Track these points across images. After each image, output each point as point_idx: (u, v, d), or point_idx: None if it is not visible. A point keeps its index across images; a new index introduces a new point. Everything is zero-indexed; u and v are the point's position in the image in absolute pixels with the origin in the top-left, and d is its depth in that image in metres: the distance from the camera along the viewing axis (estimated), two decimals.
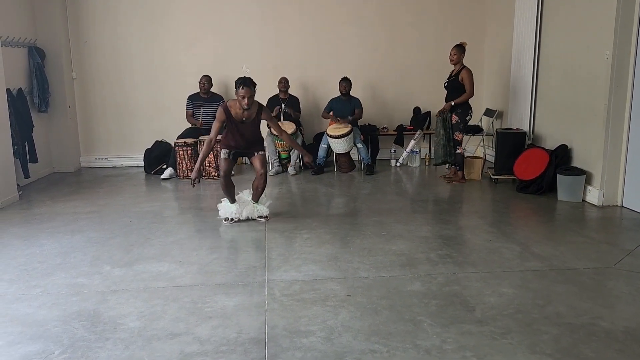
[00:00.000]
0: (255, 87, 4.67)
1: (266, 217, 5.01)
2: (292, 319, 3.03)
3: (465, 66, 6.24)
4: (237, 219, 4.94)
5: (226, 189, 4.91)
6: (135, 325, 2.99)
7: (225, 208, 4.99)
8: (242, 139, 4.85)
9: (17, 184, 6.04)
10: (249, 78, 4.65)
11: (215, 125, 4.78)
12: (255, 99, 4.70)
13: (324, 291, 3.40)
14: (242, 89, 4.58)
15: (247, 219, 4.98)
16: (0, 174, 5.58)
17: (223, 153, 4.89)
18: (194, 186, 4.74)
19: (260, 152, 4.94)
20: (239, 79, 4.63)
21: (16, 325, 3.02)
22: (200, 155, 4.77)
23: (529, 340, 2.76)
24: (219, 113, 4.77)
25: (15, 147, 6.15)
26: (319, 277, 3.64)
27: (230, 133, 4.84)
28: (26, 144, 6.52)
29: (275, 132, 5.19)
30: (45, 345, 2.79)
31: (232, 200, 4.99)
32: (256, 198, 5.01)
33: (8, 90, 6.04)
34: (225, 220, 4.95)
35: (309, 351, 2.68)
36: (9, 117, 5.90)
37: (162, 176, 7.01)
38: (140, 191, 6.43)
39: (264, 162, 4.96)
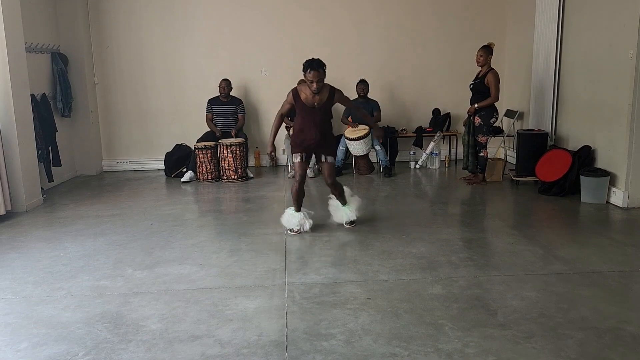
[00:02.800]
0: (324, 68, 4.33)
1: (351, 222, 4.77)
2: (312, 321, 3.03)
3: (492, 68, 6.16)
4: (300, 231, 4.64)
5: (296, 196, 4.59)
6: (157, 327, 3.01)
7: (289, 217, 4.67)
8: (313, 129, 4.49)
9: (42, 188, 6.15)
10: (317, 59, 4.31)
11: (284, 105, 4.59)
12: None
13: (344, 294, 3.39)
14: (309, 72, 4.26)
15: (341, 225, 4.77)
16: (25, 178, 5.69)
17: (296, 157, 4.60)
18: (272, 160, 4.58)
19: (328, 159, 4.60)
20: (306, 61, 4.31)
21: (41, 327, 3.07)
22: (272, 129, 4.64)
23: (552, 344, 2.72)
24: (288, 97, 4.50)
25: (40, 152, 6.26)
26: (339, 280, 3.63)
27: (300, 122, 4.54)
28: (50, 148, 6.63)
29: (354, 110, 4.92)
30: (69, 347, 2.83)
31: (298, 209, 4.67)
32: (342, 200, 4.75)
33: (32, 95, 6.16)
34: (290, 231, 4.66)
35: (329, 354, 2.68)
36: (33, 122, 6.02)
37: (182, 179, 7.07)
38: (161, 194, 6.50)
39: (332, 171, 4.61)
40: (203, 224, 5.24)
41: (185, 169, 7.24)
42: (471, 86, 6.36)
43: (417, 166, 7.60)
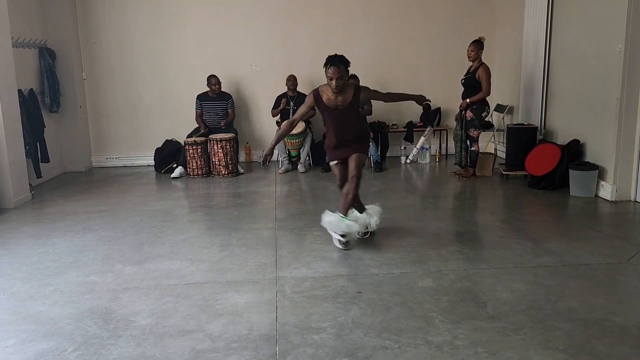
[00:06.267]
0: (347, 65, 3.90)
1: (366, 233, 4.25)
2: (302, 315, 3.03)
3: (483, 63, 6.18)
4: (367, 233, 4.26)
5: (348, 198, 4.08)
6: (146, 322, 3.00)
7: (348, 222, 4.05)
8: (343, 131, 4.07)
9: (30, 184, 6.10)
10: (340, 55, 3.90)
11: (301, 109, 4.08)
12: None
13: (335, 288, 3.39)
14: (329, 68, 3.85)
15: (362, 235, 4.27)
16: (13, 174, 5.63)
17: (332, 163, 4.22)
18: (264, 165, 4.04)
19: (360, 151, 4.08)
20: (328, 57, 3.90)
21: (29, 322, 3.04)
22: (278, 134, 4.25)
23: (541, 336, 2.74)
24: (308, 99, 4.05)
25: (27, 147, 6.20)
26: (330, 274, 3.63)
27: (328, 126, 4.14)
28: (38, 144, 6.57)
29: (388, 100, 4.29)
30: (58, 343, 2.81)
31: (361, 211, 4.27)
32: (343, 210, 4.08)
33: (19, 90, 6.09)
34: (339, 243, 4.11)
35: (320, 347, 2.68)
36: (20, 118, 5.96)
37: (172, 175, 7.04)
38: (150, 190, 6.47)
39: (360, 163, 4.05)
40: (193, 219, 5.22)
41: (175, 165, 7.20)
42: (462, 81, 6.37)
43: (408, 161, 7.61)
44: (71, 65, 7.38)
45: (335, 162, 4.21)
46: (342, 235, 4.04)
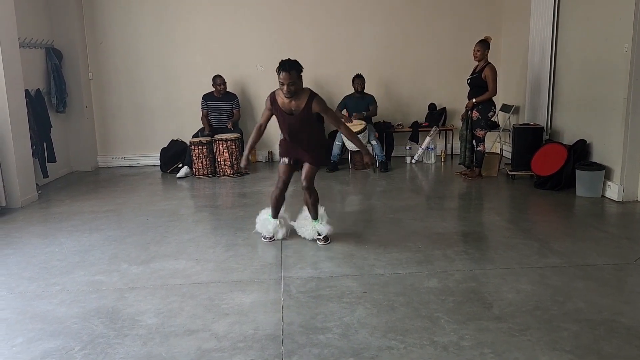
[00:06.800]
0: (300, 71, 3.91)
1: (327, 238, 4.26)
2: (308, 315, 3.03)
3: (489, 62, 6.17)
4: (273, 239, 4.37)
5: (275, 202, 4.29)
6: (153, 322, 3.01)
7: (263, 223, 4.38)
8: (295, 137, 4.13)
9: (36, 184, 6.13)
10: (291, 61, 3.89)
11: (263, 113, 4.17)
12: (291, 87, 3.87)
13: (340, 288, 3.39)
14: (280, 73, 3.87)
15: (312, 240, 4.32)
16: (20, 173, 5.66)
17: (283, 160, 4.26)
18: (244, 173, 4.18)
19: (311, 163, 4.20)
20: (280, 62, 3.90)
21: (36, 322, 3.06)
22: (249, 142, 4.24)
23: (548, 336, 2.73)
24: (266, 101, 4.15)
25: (34, 147, 6.24)
26: (335, 274, 3.63)
27: (282, 130, 4.19)
28: (44, 144, 6.60)
29: (336, 127, 4.25)
30: (65, 342, 2.82)
31: (275, 215, 4.37)
32: (314, 214, 4.30)
33: (26, 91, 6.12)
34: (263, 239, 4.41)
35: (325, 347, 2.68)
36: (27, 118, 5.99)
37: (178, 175, 7.05)
38: (156, 190, 6.49)
39: (310, 174, 4.19)
40: (199, 219, 5.23)
41: (180, 165, 7.22)
42: (469, 81, 6.36)
43: (413, 161, 7.60)
44: (77, 65, 7.41)
45: (285, 160, 4.23)
46: (265, 237, 4.36)
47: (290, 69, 3.84)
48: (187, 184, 6.74)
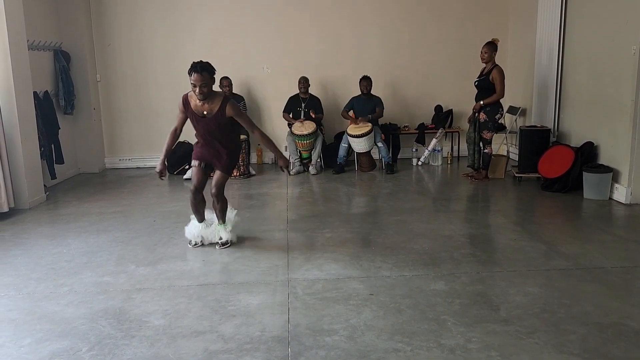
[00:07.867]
0: (212, 73, 3.87)
1: (226, 243, 4.25)
2: (314, 317, 3.03)
3: (496, 65, 6.16)
4: (199, 244, 4.30)
5: (194, 206, 4.25)
6: (160, 323, 3.02)
7: (190, 229, 4.32)
8: (208, 140, 4.10)
9: (44, 185, 6.16)
10: (204, 62, 3.83)
11: (178, 116, 4.13)
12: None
13: (347, 290, 3.39)
14: (192, 75, 3.80)
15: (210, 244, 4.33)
16: (28, 175, 5.70)
17: (193, 162, 4.20)
18: (162, 179, 4.19)
19: (222, 170, 4.15)
20: (192, 63, 3.83)
21: (44, 322, 3.08)
22: (165, 146, 4.17)
23: (555, 339, 2.72)
24: (179, 103, 4.08)
25: (42, 149, 6.27)
26: (342, 276, 3.63)
27: (197, 132, 4.12)
28: (52, 145, 6.64)
29: (252, 133, 4.15)
30: (72, 343, 2.84)
31: (200, 220, 4.32)
32: (221, 219, 4.30)
33: (35, 93, 6.16)
34: (189, 244, 4.32)
35: (332, 349, 2.68)
36: (36, 120, 6.03)
37: (184, 176, 7.07)
38: (163, 191, 6.51)
39: (220, 182, 4.16)
40: None
41: (187, 166, 7.23)
42: (476, 83, 6.34)
43: (420, 163, 7.59)
44: (85, 67, 7.45)
45: (195, 163, 4.18)
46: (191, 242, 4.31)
47: (202, 70, 3.80)
48: None
